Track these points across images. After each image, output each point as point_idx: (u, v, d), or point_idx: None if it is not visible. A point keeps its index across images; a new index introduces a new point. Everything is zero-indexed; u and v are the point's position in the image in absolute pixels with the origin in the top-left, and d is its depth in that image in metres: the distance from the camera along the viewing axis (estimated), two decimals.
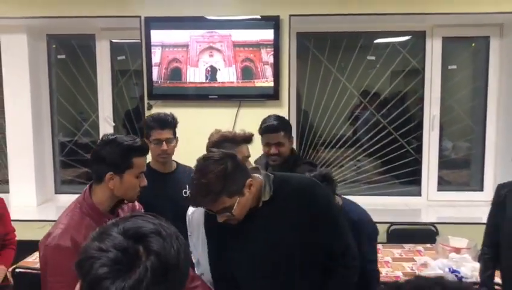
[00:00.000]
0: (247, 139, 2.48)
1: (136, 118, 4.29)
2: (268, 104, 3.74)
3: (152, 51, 3.74)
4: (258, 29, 3.69)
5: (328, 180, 2.40)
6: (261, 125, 2.88)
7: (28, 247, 3.00)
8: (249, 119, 3.72)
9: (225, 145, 2.31)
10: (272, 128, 2.84)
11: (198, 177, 1.75)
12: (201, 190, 1.75)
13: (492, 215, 2.68)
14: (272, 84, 3.71)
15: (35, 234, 2.09)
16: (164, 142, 2.69)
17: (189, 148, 3.73)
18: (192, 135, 3.72)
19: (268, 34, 3.68)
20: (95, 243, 0.93)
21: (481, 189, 4.22)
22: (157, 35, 3.73)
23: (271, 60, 3.70)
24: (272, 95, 3.73)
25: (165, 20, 3.72)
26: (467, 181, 4.48)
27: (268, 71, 3.71)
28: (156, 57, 3.75)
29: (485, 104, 4.14)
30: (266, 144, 2.83)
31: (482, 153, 4.22)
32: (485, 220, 3.84)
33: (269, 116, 2.94)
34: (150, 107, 3.80)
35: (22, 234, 3.01)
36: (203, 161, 1.79)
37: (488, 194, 4.15)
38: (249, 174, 1.86)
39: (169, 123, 2.73)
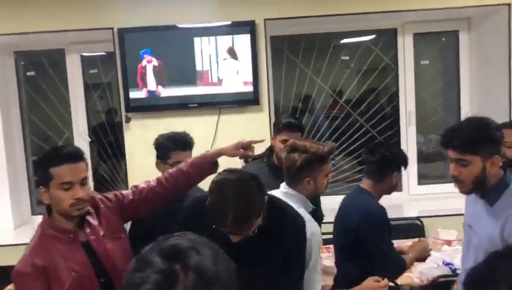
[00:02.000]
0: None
1: (111, 131, 4.15)
2: (249, 110, 3.66)
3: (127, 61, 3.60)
4: (233, 35, 3.60)
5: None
6: (281, 121, 2.90)
7: (7, 274, 2.81)
8: (230, 126, 3.65)
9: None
10: (295, 125, 2.86)
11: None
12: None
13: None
14: (251, 89, 3.63)
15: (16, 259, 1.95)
16: None
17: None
18: None
19: (244, 39, 3.60)
20: (136, 272, 0.88)
21: None
22: (132, 45, 3.60)
23: (249, 65, 3.62)
24: (252, 100, 3.65)
25: (138, 31, 3.59)
26: (442, 174, 4.49)
27: (247, 76, 3.63)
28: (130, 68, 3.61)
29: (458, 97, 4.18)
30: (284, 141, 2.74)
31: None
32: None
33: (286, 115, 3.15)
34: (128, 119, 3.66)
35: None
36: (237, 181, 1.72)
37: None
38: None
39: (190, 143, 2.57)
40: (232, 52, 3.61)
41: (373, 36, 4.22)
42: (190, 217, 1.93)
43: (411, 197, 4.23)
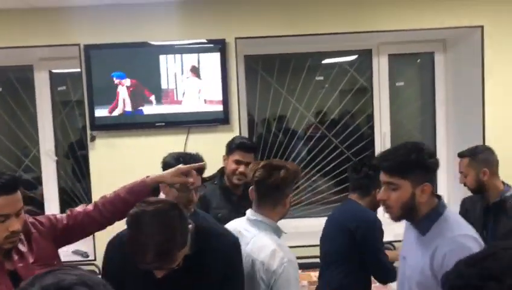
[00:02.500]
0: None
1: (80, 149, 4.01)
2: (219, 129, 3.55)
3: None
4: (202, 53, 3.51)
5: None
6: (234, 142, 2.92)
7: None
8: (199, 146, 3.52)
9: None
10: (249, 146, 2.89)
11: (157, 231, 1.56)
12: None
13: None
14: (221, 108, 3.53)
15: None
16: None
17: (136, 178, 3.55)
18: (140, 166, 3.50)
19: (214, 58, 3.51)
20: None
21: None
22: (99, 63, 3.49)
23: (219, 84, 3.53)
24: (222, 119, 3.54)
25: (106, 47, 3.49)
26: None
27: (217, 95, 3.53)
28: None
29: (433, 119, 4.11)
30: (236, 161, 2.83)
31: None
32: None
33: (240, 136, 3.12)
34: (93, 138, 3.53)
35: None
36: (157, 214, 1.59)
37: None
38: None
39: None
40: (195, 71, 3.52)
41: (349, 58, 4.15)
42: (109, 254, 1.84)
43: (386, 221, 4.10)
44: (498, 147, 3.55)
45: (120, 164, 3.53)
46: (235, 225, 2.13)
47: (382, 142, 4.08)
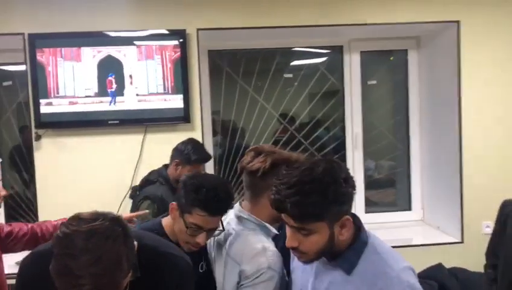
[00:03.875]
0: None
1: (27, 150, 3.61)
2: (179, 128, 3.21)
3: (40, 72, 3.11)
4: (163, 42, 3.17)
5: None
6: (191, 154, 2.76)
7: None
8: (157, 146, 3.19)
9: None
10: (207, 159, 2.84)
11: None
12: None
13: (493, 233, 2.46)
14: (181, 105, 3.19)
15: None
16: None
17: (87, 185, 3.15)
18: (91, 169, 3.17)
19: (174, 51, 3.17)
20: None
21: (409, 208, 3.90)
22: (46, 53, 3.11)
23: (179, 79, 3.19)
24: (182, 118, 3.19)
25: (53, 37, 3.12)
26: (393, 201, 4.15)
27: (177, 91, 3.19)
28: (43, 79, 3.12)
29: (407, 120, 3.86)
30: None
31: (407, 171, 3.92)
32: (416, 241, 3.59)
33: (195, 145, 2.83)
34: (38, 137, 3.14)
35: None
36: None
37: (417, 213, 3.87)
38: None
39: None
40: (157, 64, 3.18)
41: (319, 59, 3.88)
42: (30, 280, 1.44)
43: None
44: (475, 147, 3.34)
45: (69, 166, 3.15)
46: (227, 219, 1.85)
47: (353, 143, 3.82)
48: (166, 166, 2.88)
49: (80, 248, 1.15)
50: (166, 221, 1.81)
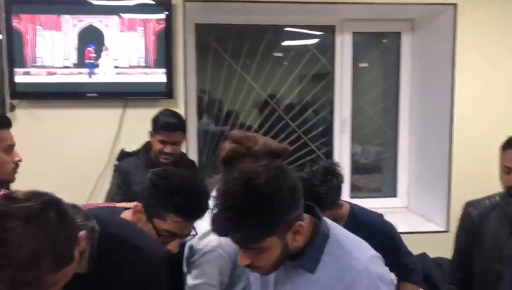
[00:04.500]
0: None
1: None
2: (161, 104, 3.02)
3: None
4: (147, 14, 3.00)
5: (333, 175, 1.87)
6: (159, 120, 2.57)
7: None
8: (138, 122, 3.02)
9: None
10: (173, 126, 2.55)
11: None
12: None
13: (461, 241, 2.25)
14: (164, 80, 3.03)
15: None
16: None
17: (62, 159, 2.98)
18: (68, 143, 3.01)
19: (158, 23, 3.00)
20: None
21: (394, 195, 3.81)
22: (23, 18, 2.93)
23: (162, 52, 3.03)
24: (164, 93, 3.04)
25: (32, 3, 2.93)
26: (378, 187, 4.06)
27: (160, 65, 3.03)
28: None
29: (397, 105, 3.74)
30: (162, 142, 2.55)
31: (394, 157, 3.81)
32: (400, 229, 3.48)
33: (166, 112, 2.63)
34: (12, 108, 2.97)
35: None
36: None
37: (402, 200, 3.78)
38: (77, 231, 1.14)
39: None
40: (139, 36, 3.01)
41: (311, 41, 3.72)
42: None
43: None
44: (466, 137, 3.24)
45: (45, 139, 2.99)
46: None
47: (341, 127, 3.70)
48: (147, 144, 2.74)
49: (11, 234, 0.98)
50: (126, 216, 1.55)
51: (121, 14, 2.97)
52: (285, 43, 3.76)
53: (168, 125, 2.53)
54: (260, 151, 1.59)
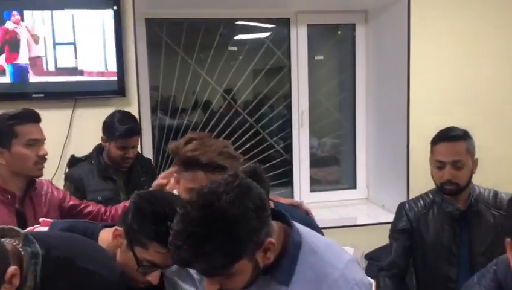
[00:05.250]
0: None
1: None
2: (113, 103, 2.89)
3: None
4: (96, 10, 2.83)
5: (258, 178, 1.73)
6: (114, 127, 2.40)
7: None
8: (89, 122, 2.87)
9: None
10: (131, 132, 2.44)
11: None
12: None
13: (398, 240, 2.17)
14: (115, 77, 2.88)
15: None
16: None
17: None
18: None
19: (107, 17, 2.85)
20: None
21: (354, 187, 3.81)
22: None
23: (112, 48, 2.87)
24: (116, 91, 2.88)
25: None
26: (337, 179, 4.04)
27: (111, 62, 2.88)
28: None
29: (353, 96, 3.72)
30: (122, 148, 2.45)
31: (352, 149, 3.80)
32: (361, 221, 3.48)
33: (120, 116, 2.47)
34: None
35: None
36: None
37: (361, 191, 3.79)
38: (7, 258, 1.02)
39: None
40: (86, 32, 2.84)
41: (264, 34, 3.65)
42: None
43: None
44: (422, 126, 3.25)
45: None
46: None
47: (299, 121, 3.66)
48: (99, 146, 2.58)
49: None
50: (104, 237, 1.40)
51: (68, 10, 2.79)
52: (239, 37, 3.67)
53: (126, 133, 2.42)
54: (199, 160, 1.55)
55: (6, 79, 2.77)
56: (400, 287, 2.12)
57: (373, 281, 2.07)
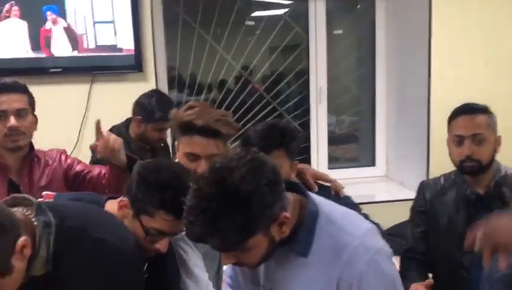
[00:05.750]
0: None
1: None
2: (130, 78, 2.89)
3: None
4: None
5: (289, 136, 1.68)
6: (154, 111, 2.39)
7: None
8: (106, 97, 2.87)
9: None
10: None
11: None
12: None
13: (416, 224, 2.04)
14: (132, 52, 2.86)
15: None
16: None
17: None
18: None
19: None
20: None
21: (373, 164, 3.76)
22: None
23: (130, 23, 2.85)
24: (133, 66, 2.87)
25: None
26: (355, 156, 4.02)
27: (128, 37, 2.86)
28: None
29: (373, 72, 3.65)
30: (160, 129, 2.44)
31: (371, 125, 3.75)
32: (379, 198, 3.47)
33: (157, 97, 2.45)
34: None
35: None
36: None
37: (380, 169, 3.74)
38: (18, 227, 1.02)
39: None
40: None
41: (282, 10, 3.58)
42: None
43: None
44: (444, 101, 3.17)
45: None
46: None
47: (318, 97, 3.61)
48: (129, 120, 2.53)
49: None
50: (109, 208, 1.40)
51: None
52: (256, 13, 3.62)
53: (167, 116, 2.35)
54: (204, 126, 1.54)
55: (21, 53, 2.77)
56: (421, 272, 1.97)
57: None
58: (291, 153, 1.69)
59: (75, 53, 2.81)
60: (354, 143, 4.00)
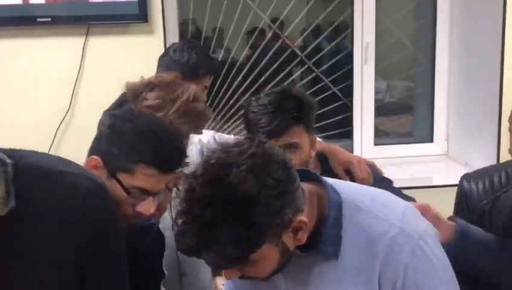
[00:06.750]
0: None
1: None
2: (132, 30, 2.96)
3: None
4: None
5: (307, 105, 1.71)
6: (199, 60, 2.32)
7: None
8: (103, 52, 2.96)
9: None
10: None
11: None
12: None
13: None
14: None
15: None
16: None
17: (8, 107, 2.90)
18: (15, 81, 2.91)
19: None
20: None
21: (430, 140, 3.78)
22: None
23: None
24: (136, 16, 2.92)
25: None
26: (409, 130, 4.08)
27: None
28: None
29: (433, 25, 3.63)
30: (205, 87, 2.39)
31: (430, 93, 3.74)
32: (437, 181, 3.46)
33: (196, 47, 2.42)
34: None
35: None
36: None
37: (439, 145, 3.76)
38: None
39: None
40: None
41: None
42: None
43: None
44: None
45: None
46: None
47: (363, 56, 3.61)
48: None
49: None
50: None
51: None
52: None
53: (215, 71, 2.47)
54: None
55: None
56: None
57: None
58: (311, 126, 1.69)
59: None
60: (407, 114, 4.06)
